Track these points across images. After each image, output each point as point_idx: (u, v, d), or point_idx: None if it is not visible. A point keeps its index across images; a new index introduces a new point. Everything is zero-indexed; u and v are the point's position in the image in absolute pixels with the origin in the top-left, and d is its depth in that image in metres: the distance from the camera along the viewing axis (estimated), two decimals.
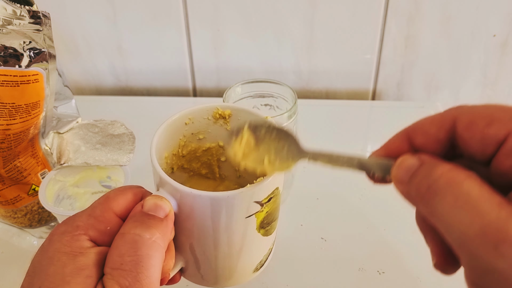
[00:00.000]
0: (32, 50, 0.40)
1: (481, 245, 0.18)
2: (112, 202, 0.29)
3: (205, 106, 0.37)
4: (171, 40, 0.75)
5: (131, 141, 0.48)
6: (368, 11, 0.70)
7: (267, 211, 0.32)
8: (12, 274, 0.49)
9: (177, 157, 0.38)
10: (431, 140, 0.23)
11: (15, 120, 0.42)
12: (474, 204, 0.19)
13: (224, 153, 0.40)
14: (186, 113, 0.37)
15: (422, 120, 0.24)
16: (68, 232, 0.27)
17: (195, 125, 0.38)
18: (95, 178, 0.49)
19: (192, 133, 0.38)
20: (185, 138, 0.38)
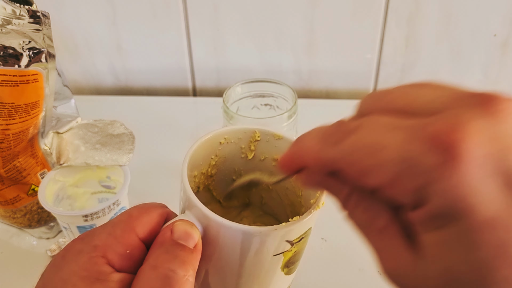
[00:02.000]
0: (32, 50, 0.40)
1: None
2: (135, 221, 0.26)
3: (243, 128, 0.35)
4: (171, 40, 0.75)
5: (131, 141, 0.48)
6: (368, 11, 0.70)
7: (295, 250, 0.31)
8: (12, 274, 0.49)
9: (205, 176, 0.37)
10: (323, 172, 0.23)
11: (14, 120, 0.42)
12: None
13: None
14: (222, 132, 0.35)
15: (310, 155, 0.23)
16: (85, 252, 0.25)
17: (230, 146, 0.36)
18: (94, 178, 0.49)
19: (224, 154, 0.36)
20: (217, 158, 0.36)
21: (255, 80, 0.55)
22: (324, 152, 0.21)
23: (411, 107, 0.20)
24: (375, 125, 0.20)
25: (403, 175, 0.18)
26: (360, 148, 0.20)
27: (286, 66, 0.77)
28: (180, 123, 0.70)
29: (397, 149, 0.18)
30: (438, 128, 0.17)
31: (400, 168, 0.18)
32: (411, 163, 0.18)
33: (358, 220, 0.22)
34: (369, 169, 0.19)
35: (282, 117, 0.50)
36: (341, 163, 0.20)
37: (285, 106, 0.54)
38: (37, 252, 0.51)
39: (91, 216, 0.42)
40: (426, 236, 0.19)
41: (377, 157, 0.19)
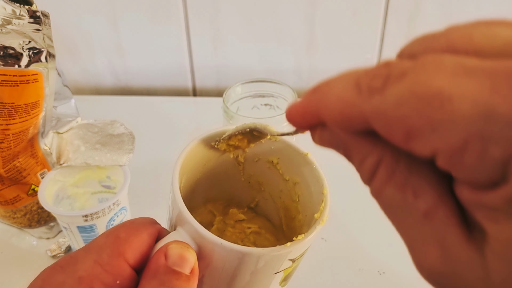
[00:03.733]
0: (32, 50, 0.40)
1: None
2: (123, 245, 0.23)
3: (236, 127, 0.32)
4: (170, 40, 0.75)
5: (131, 141, 0.48)
6: (368, 10, 0.70)
7: (295, 265, 0.30)
8: (12, 275, 0.49)
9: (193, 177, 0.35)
10: (346, 130, 0.18)
11: (14, 120, 0.42)
12: None
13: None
14: (212, 134, 0.31)
15: (330, 104, 0.17)
16: (68, 285, 0.22)
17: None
18: (94, 178, 0.49)
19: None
20: (208, 161, 0.34)
21: (255, 80, 0.55)
22: (361, 104, 0.16)
23: (486, 46, 0.15)
24: (439, 66, 0.14)
25: (481, 139, 0.13)
26: (417, 97, 0.14)
27: (286, 66, 0.77)
28: (180, 123, 0.70)
29: (476, 100, 0.13)
30: None
31: (478, 128, 0.13)
32: (496, 120, 0.13)
33: (391, 199, 0.17)
34: (429, 129, 0.14)
35: (282, 117, 0.50)
36: (386, 119, 0.15)
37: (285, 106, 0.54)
38: (37, 252, 0.51)
39: (91, 216, 0.42)
40: (496, 227, 0.14)
41: (445, 110, 0.13)
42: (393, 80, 0.15)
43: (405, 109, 0.14)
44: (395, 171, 0.16)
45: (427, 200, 0.16)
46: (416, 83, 0.14)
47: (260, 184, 0.36)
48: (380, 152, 0.17)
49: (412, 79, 0.14)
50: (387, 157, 0.17)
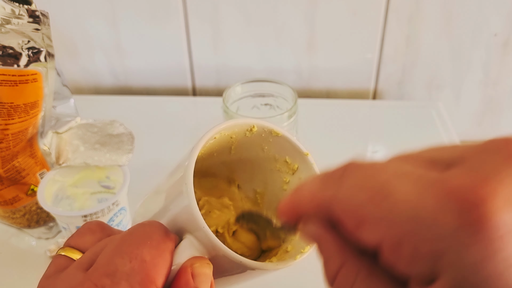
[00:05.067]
0: (31, 50, 0.40)
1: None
2: (152, 270, 0.22)
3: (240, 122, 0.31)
4: (170, 39, 0.75)
5: (130, 141, 0.48)
6: (368, 10, 0.70)
7: None
8: (11, 275, 0.48)
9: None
10: (320, 217, 0.20)
11: (13, 120, 0.42)
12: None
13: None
14: (218, 129, 0.30)
15: (304, 196, 0.20)
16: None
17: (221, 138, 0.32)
18: (94, 178, 0.49)
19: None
20: (203, 150, 0.32)
21: (255, 80, 0.55)
22: (322, 192, 0.18)
23: (428, 156, 0.17)
24: (386, 167, 0.16)
25: (412, 236, 0.14)
26: (362, 189, 0.16)
27: (286, 65, 0.77)
28: (179, 123, 0.70)
29: (408, 200, 0.15)
30: (461, 182, 0.14)
31: (409, 225, 0.15)
32: (425, 221, 0.14)
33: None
34: (368, 219, 0.16)
35: (282, 116, 0.50)
36: (338, 205, 0.17)
37: (285, 106, 0.54)
38: (36, 253, 0.50)
39: (91, 217, 0.42)
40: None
41: (382, 205, 0.15)
42: (350, 170, 0.17)
43: (355, 198, 0.16)
44: (358, 276, 0.17)
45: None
46: (365, 176, 0.16)
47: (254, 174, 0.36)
48: (343, 257, 0.18)
49: (363, 173, 0.17)
50: (349, 263, 0.18)
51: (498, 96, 0.77)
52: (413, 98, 0.79)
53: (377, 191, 0.16)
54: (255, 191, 0.35)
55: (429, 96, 0.78)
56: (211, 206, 0.35)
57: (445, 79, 0.76)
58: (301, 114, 0.54)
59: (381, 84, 0.78)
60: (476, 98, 0.77)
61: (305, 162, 0.31)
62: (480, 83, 0.76)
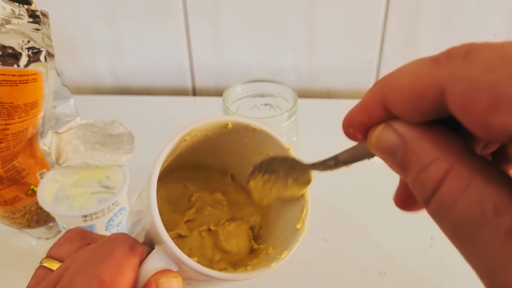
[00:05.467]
0: (31, 50, 0.40)
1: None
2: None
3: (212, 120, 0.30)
4: (170, 39, 0.75)
5: (130, 141, 0.48)
6: (369, 10, 0.70)
7: None
8: (11, 275, 0.48)
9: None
10: (413, 113, 0.16)
11: (13, 120, 0.42)
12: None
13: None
14: (187, 131, 0.30)
15: (400, 79, 0.16)
16: None
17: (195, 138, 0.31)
18: (94, 178, 0.49)
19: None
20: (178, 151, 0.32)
21: (255, 80, 0.55)
22: (439, 72, 0.14)
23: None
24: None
25: None
26: (499, 66, 0.13)
27: (286, 65, 0.77)
28: (179, 123, 0.70)
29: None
30: None
31: None
32: None
33: (464, 217, 0.14)
34: (508, 99, 0.13)
35: (282, 116, 0.50)
36: (469, 86, 0.14)
37: (285, 106, 0.54)
38: (36, 253, 0.50)
39: (90, 217, 0.42)
40: None
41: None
42: (477, 47, 0.14)
43: (496, 75, 0.13)
44: (470, 183, 0.14)
45: (510, 215, 0.13)
46: (505, 47, 0.13)
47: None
48: (451, 158, 0.15)
49: (499, 46, 0.13)
50: (460, 165, 0.14)
51: None
52: None
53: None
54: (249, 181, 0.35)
55: None
56: (203, 202, 0.34)
57: None
58: (301, 114, 0.54)
59: None
60: None
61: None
62: None
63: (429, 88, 0.15)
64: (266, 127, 0.30)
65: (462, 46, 0.15)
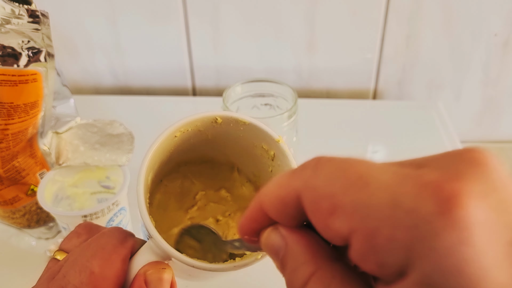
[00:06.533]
0: (31, 50, 0.40)
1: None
2: (101, 282, 0.23)
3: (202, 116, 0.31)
4: (170, 39, 0.75)
5: (130, 141, 0.48)
6: (369, 10, 0.70)
7: None
8: (11, 275, 0.48)
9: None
10: (284, 217, 0.18)
11: (13, 120, 0.42)
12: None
13: None
14: (176, 127, 0.31)
15: (270, 191, 0.19)
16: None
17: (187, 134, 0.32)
18: (94, 178, 0.49)
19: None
20: (172, 148, 0.33)
21: (255, 80, 0.55)
22: (292, 182, 0.18)
23: (397, 161, 0.17)
24: (361, 161, 0.17)
25: (389, 222, 0.14)
26: (339, 178, 0.16)
27: (286, 65, 0.77)
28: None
29: (387, 188, 0.15)
30: (436, 177, 0.15)
31: (386, 212, 0.15)
32: (403, 208, 0.14)
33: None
34: (344, 206, 0.15)
35: (282, 116, 0.50)
36: (310, 193, 0.17)
37: (285, 106, 0.54)
38: (36, 253, 0.50)
39: (90, 217, 0.42)
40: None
41: (360, 192, 0.15)
42: (325, 160, 0.17)
43: (333, 187, 0.16)
44: (330, 285, 0.16)
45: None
46: (344, 162, 0.16)
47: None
48: (316, 262, 0.17)
49: (340, 161, 0.16)
50: (323, 269, 0.17)
51: (498, 96, 0.77)
52: (413, 98, 0.79)
53: (355, 179, 0.16)
54: (253, 174, 0.35)
55: (429, 96, 0.78)
56: (207, 199, 0.35)
57: (445, 79, 0.76)
58: (301, 114, 0.54)
59: (381, 84, 0.78)
60: (476, 98, 0.77)
61: (279, 149, 0.30)
62: (480, 83, 0.76)
63: (289, 196, 0.18)
64: (255, 120, 0.30)
65: (314, 158, 0.18)
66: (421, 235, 0.14)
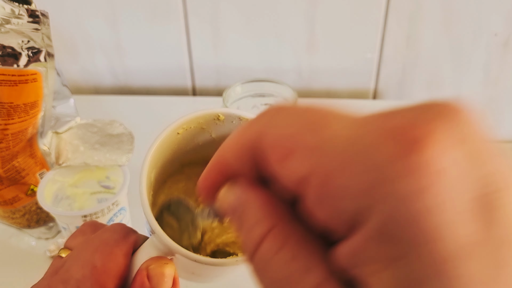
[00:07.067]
0: (31, 49, 0.40)
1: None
2: (102, 276, 0.23)
3: (203, 113, 0.32)
4: (170, 39, 0.75)
5: (130, 141, 0.48)
6: (369, 10, 0.70)
7: None
8: (11, 275, 0.48)
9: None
10: (242, 169, 0.18)
11: (13, 120, 0.42)
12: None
13: None
14: (178, 124, 0.31)
15: (228, 142, 0.18)
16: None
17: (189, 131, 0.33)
18: (93, 178, 0.49)
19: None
20: (175, 146, 0.33)
21: (255, 79, 0.55)
22: (249, 130, 0.17)
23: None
24: (321, 107, 0.16)
25: (346, 166, 0.14)
26: (296, 121, 0.15)
27: (287, 65, 0.76)
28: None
29: (346, 132, 0.14)
30: (402, 122, 0.14)
31: (343, 155, 0.14)
32: (362, 152, 0.13)
33: (277, 273, 0.15)
34: (299, 148, 0.15)
35: None
36: (266, 137, 0.16)
37: None
38: (36, 253, 0.50)
39: (90, 217, 0.42)
40: (372, 282, 0.13)
41: (317, 134, 0.15)
42: (284, 107, 0.16)
43: (293, 127, 0.15)
44: (286, 243, 0.15)
45: (317, 274, 0.15)
46: (305, 107, 0.16)
47: None
48: (273, 220, 0.16)
49: (302, 107, 0.16)
50: (279, 227, 0.16)
51: (498, 96, 0.77)
52: (413, 98, 0.79)
53: (315, 121, 0.15)
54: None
55: (429, 96, 0.78)
56: None
57: (446, 79, 0.76)
58: None
59: (381, 84, 0.77)
60: (476, 98, 0.77)
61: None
62: (480, 82, 0.76)
63: (247, 143, 0.17)
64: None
65: (274, 105, 0.17)
66: (379, 180, 0.13)
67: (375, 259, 0.13)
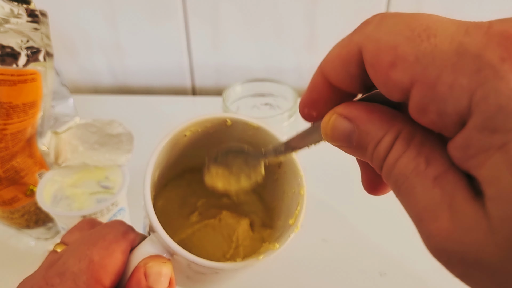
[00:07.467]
0: (30, 49, 0.39)
1: None
2: (99, 270, 0.23)
3: (212, 116, 0.31)
4: (169, 38, 0.75)
5: (129, 141, 0.48)
6: (369, 10, 0.70)
7: None
8: (9, 276, 0.48)
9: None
10: (345, 78, 0.19)
11: (12, 120, 0.41)
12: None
13: None
14: (186, 126, 0.31)
15: (332, 52, 0.19)
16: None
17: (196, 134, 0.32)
18: (93, 178, 0.49)
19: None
20: (181, 146, 0.33)
21: (255, 79, 0.55)
22: (356, 35, 0.18)
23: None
24: (426, 15, 0.17)
25: (452, 69, 0.15)
26: (403, 30, 0.16)
27: (287, 65, 0.76)
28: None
29: (451, 39, 0.15)
30: (506, 28, 0.14)
31: (450, 60, 0.15)
32: (468, 55, 0.14)
33: (403, 170, 0.17)
34: (413, 58, 0.15)
35: (282, 116, 0.50)
36: (377, 46, 0.16)
37: (285, 106, 0.54)
38: (35, 253, 0.50)
39: (90, 217, 0.42)
40: (482, 172, 0.15)
41: (424, 43, 0.15)
42: (389, 15, 0.17)
43: (397, 38, 0.16)
44: (410, 143, 0.17)
45: (438, 166, 0.16)
46: (409, 16, 0.17)
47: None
48: (399, 127, 0.17)
49: (406, 15, 0.17)
50: (405, 131, 0.17)
51: None
52: None
53: (421, 31, 0.16)
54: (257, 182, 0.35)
55: None
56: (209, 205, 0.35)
57: None
58: None
59: None
60: None
61: (286, 155, 0.30)
62: None
63: (351, 52, 0.18)
64: (264, 124, 0.30)
65: (378, 14, 0.18)
66: (485, 79, 0.14)
67: (482, 148, 0.14)
